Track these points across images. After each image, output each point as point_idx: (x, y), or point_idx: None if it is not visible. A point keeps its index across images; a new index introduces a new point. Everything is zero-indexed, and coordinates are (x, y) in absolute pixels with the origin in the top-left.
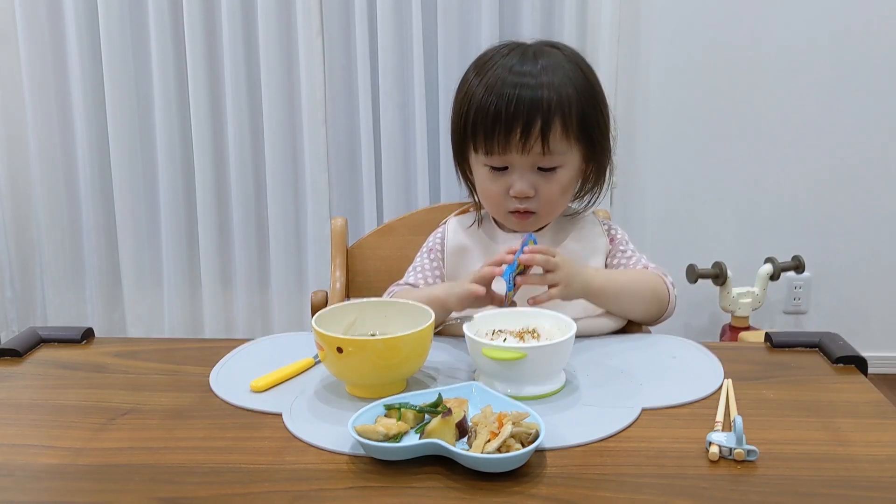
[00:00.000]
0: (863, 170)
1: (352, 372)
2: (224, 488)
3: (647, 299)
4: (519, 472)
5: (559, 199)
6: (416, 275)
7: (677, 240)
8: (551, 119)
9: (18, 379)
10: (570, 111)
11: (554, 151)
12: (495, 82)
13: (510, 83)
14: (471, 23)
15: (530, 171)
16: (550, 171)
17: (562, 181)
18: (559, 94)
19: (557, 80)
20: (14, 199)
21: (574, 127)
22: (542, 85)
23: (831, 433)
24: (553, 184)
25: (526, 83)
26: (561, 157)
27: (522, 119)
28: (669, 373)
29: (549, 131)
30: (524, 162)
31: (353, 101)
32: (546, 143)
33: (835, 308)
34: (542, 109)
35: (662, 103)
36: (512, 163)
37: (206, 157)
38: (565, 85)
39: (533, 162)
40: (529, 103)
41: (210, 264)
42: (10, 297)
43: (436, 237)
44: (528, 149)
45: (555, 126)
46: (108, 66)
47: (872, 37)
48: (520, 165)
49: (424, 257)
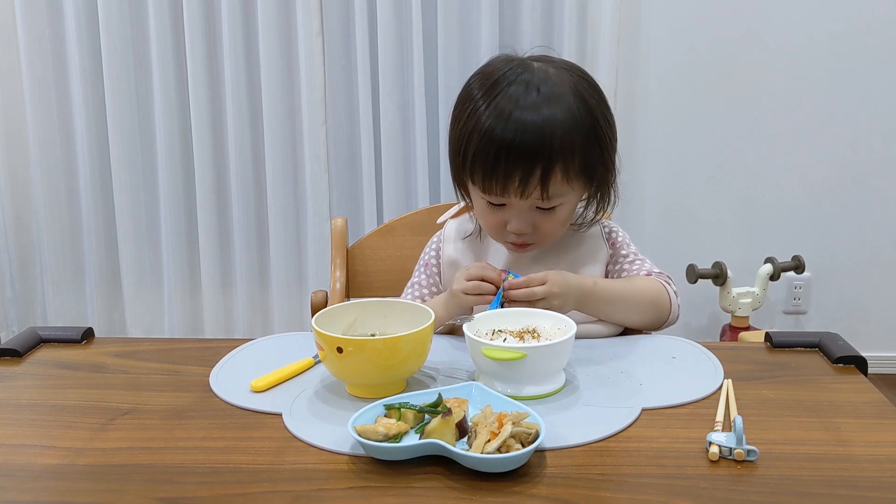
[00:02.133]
0: (863, 170)
1: (352, 372)
2: (224, 488)
3: (645, 309)
4: (519, 472)
5: (558, 231)
6: (413, 293)
7: (677, 240)
8: (552, 168)
9: (18, 379)
10: (573, 156)
11: (553, 195)
12: (497, 118)
13: (512, 123)
14: (471, 23)
15: (528, 211)
16: (549, 210)
17: (561, 217)
18: (561, 140)
19: (559, 118)
20: (14, 199)
21: (576, 169)
22: (544, 131)
23: (831, 433)
24: (552, 221)
25: (527, 127)
26: (561, 198)
27: (521, 167)
28: (669, 373)
29: (548, 180)
30: (522, 204)
31: (353, 101)
32: (545, 189)
33: (835, 308)
34: (543, 158)
35: (662, 103)
36: (509, 203)
37: (206, 157)
38: (567, 125)
39: (532, 204)
40: (529, 151)
41: (210, 264)
42: (10, 297)
43: (430, 251)
44: (526, 194)
45: (555, 174)
46: (108, 66)
47: (872, 37)
48: (518, 206)
49: (421, 273)
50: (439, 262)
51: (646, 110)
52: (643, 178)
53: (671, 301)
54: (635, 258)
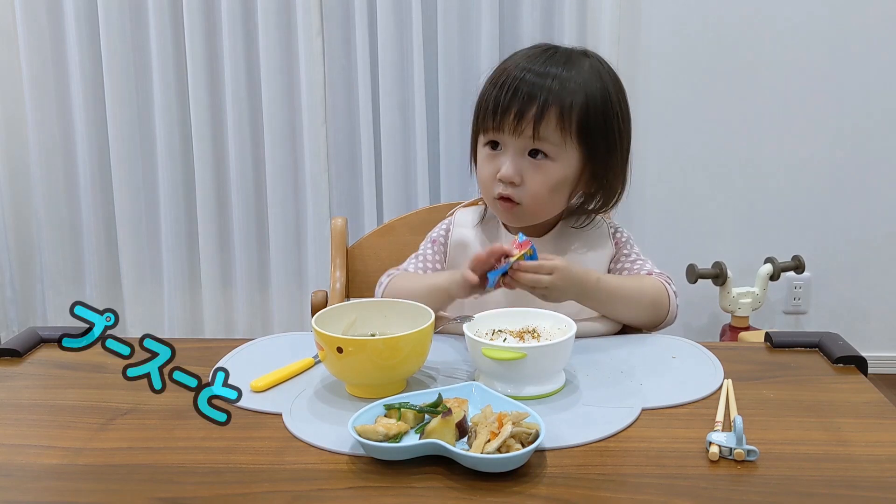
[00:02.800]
0: (863, 170)
1: (352, 372)
2: (224, 488)
3: (644, 306)
4: (519, 472)
5: (546, 194)
6: (416, 263)
7: (677, 240)
8: (548, 106)
9: (18, 379)
10: (571, 106)
11: (544, 139)
12: (504, 70)
13: (521, 68)
14: (471, 22)
15: (520, 157)
16: (541, 161)
17: (550, 174)
18: (564, 86)
19: (569, 78)
20: (14, 199)
21: (573, 125)
22: (549, 74)
23: (831, 433)
24: (540, 174)
25: (534, 70)
26: (553, 147)
27: (520, 100)
28: (669, 373)
29: (542, 117)
30: (516, 144)
31: (353, 101)
32: (537, 128)
33: (835, 308)
34: (542, 95)
35: (662, 103)
36: (504, 143)
37: (206, 157)
38: (575, 82)
39: (524, 146)
40: (531, 87)
41: (210, 264)
42: (10, 297)
43: (441, 228)
44: (519, 131)
45: (549, 114)
46: (108, 66)
47: (872, 37)
48: (511, 147)
49: (427, 247)
50: (447, 241)
51: (646, 110)
52: (643, 178)
53: (670, 301)
54: (637, 258)
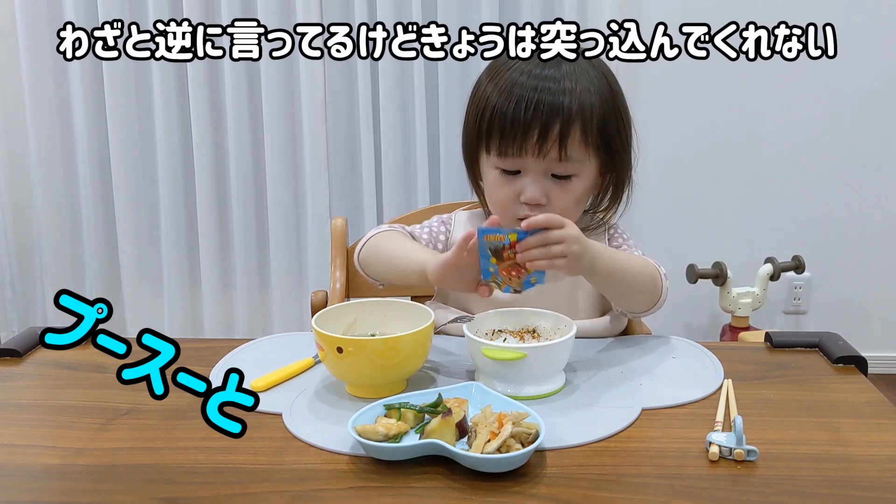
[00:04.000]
0: (863, 170)
1: (352, 372)
2: (224, 488)
3: (645, 289)
4: (519, 472)
5: (572, 209)
6: (422, 230)
7: (677, 240)
8: (571, 123)
9: (18, 379)
10: (592, 118)
11: (571, 158)
12: (514, 84)
13: (530, 86)
14: (471, 22)
15: (543, 178)
16: (565, 179)
17: (576, 191)
18: (581, 99)
19: (580, 86)
20: (14, 199)
21: (594, 134)
22: (565, 90)
23: (831, 433)
24: (567, 193)
25: (547, 87)
26: (578, 164)
27: (541, 120)
28: (669, 373)
29: (567, 136)
30: (538, 167)
31: (353, 101)
32: (564, 148)
33: (835, 308)
34: (563, 113)
35: (662, 103)
36: (525, 167)
37: (206, 157)
38: (588, 91)
39: (547, 168)
40: (550, 106)
41: (210, 264)
42: (10, 297)
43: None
44: (544, 153)
45: (574, 131)
46: (108, 66)
47: (873, 37)
48: (533, 170)
49: (434, 223)
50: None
51: (646, 110)
52: (643, 178)
53: (662, 285)
54: (628, 248)
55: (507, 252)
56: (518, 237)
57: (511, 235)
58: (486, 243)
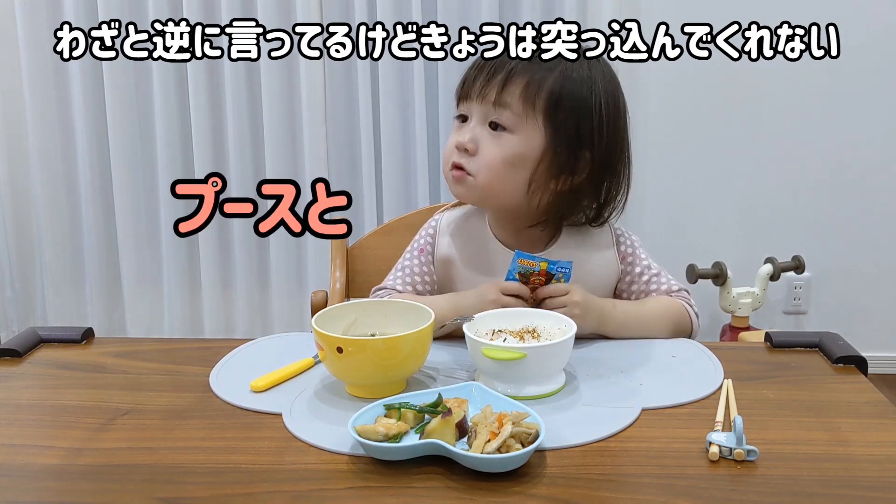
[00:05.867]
0: (863, 170)
1: (352, 372)
2: (224, 488)
3: (664, 330)
4: (519, 472)
5: (499, 167)
6: (404, 278)
7: (677, 240)
8: (514, 74)
9: (18, 379)
10: (544, 81)
11: (506, 106)
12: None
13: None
14: (471, 22)
15: (481, 126)
16: (500, 131)
17: (507, 147)
18: (539, 63)
19: (551, 61)
20: (14, 199)
21: (541, 99)
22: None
23: (831, 433)
24: (496, 146)
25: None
26: (515, 119)
27: (492, 65)
28: (669, 373)
29: (507, 83)
30: (479, 111)
31: (353, 101)
32: (500, 94)
33: (835, 308)
34: (511, 65)
35: (662, 103)
36: (470, 112)
37: (206, 157)
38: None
39: (485, 113)
40: (504, 58)
41: (210, 264)
42: (10, 297)
43: (427, 235)
44: (483, 95)
45: (515, 81)
46: (108, 66)
47: (872, 37)
48: (475, 115)
49: (414, 258)
50: (434, 251)
51: (646, 110)
52: (643, 179)
53: (692, 322)
54: (651, 276)
55: (534, 277)
56: (548, 266)
57: (542, 264)
58: (518, 266)
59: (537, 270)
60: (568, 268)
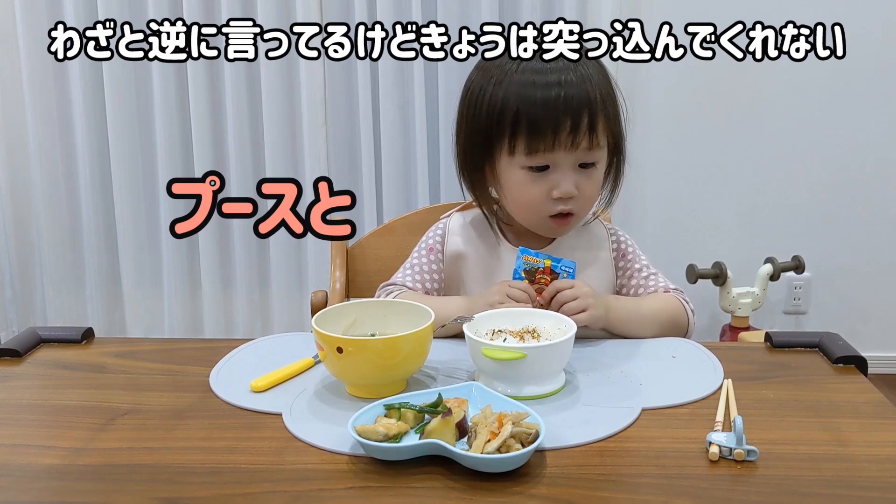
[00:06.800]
0: (863, 170)
1: (352, 372)
2: (224, 488)
3: (667, 328)
4: (519, 472)
5: (595, 195)
6: (413, 275)
7: (677, 240)
8: (598, 112)
9: (18, 379)
10: (609, 104)
11: (600, 146)
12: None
13: (551, 81)
14: (470, 22)
15: (572, 170)
16: (590, 168)
17: (598, 178)
18: (598, 86)
19: (589, 74)
20: (14, 199)
21: (610, 119)
22: (583, 79)
23: (831, 433)
24: (592, 181)
25: (567, 80)
26: (602, 152)
27: (571, 113)
28: (669, 373)
29: (597, 125)
30: (568, 160)
31: (353, 101)
32: (594, 136)
33: (835, 308)
34: (590, 102)
35: (662, 103)
36: (555, 161)
37: (206, 157)
38: (596, 78)
39: (576, 159)
40: (576, 98)
41: (210, 264)
42: (10, 297)
43: (436, 235)
44: (576, 144)
45: (601, 119)
46: (108, 66)
47: (872, 38)
48: (563, 164)
49: (423, 257)
50: (444, 248)
51: (646, 110)
52: (643, 178)
53: (689, 319)
54: (649, 273)
55: (539, 275)
56: (552, 264)
57: (546, 261)
58: (523, 263)
59: (542, 267)
60: (572, 267)
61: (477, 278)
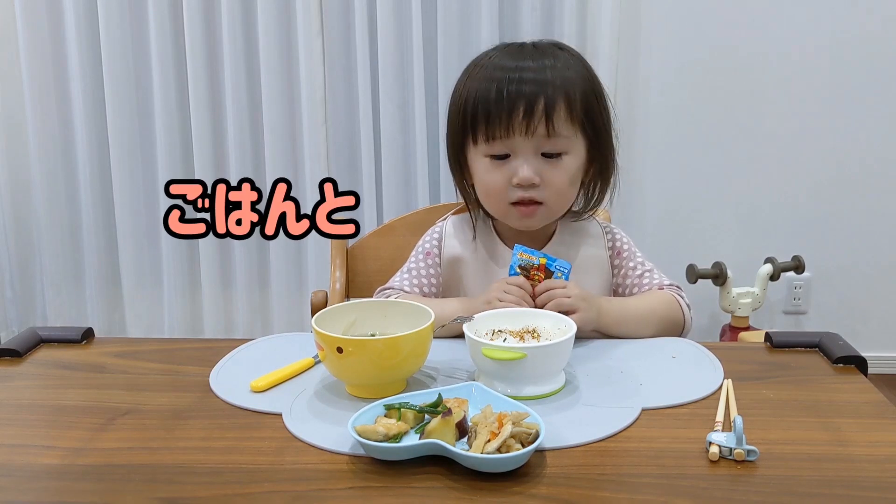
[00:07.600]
0: (862, 170)
1: (352, 372)
2: (224, 488)
3: (662, 326)
4: (519, 472)
5: (566, 190)
6: (410, 279)
7: (677, 240)
8: (556, 98)
9: (18, 379)
10: (575, 93)
11: (559, 133)
12: (494, 71)
13: (511, 67)
14: (471, 23)
15: (534, 157)
16: (556, 158)
17: (568, 169)
18: (563, 75)
19: (560, 65)
20: (14, 199)
21: (579, 111)
22: (545, 67)
23: (831, 433)
24: (559, 172)
25: (527, 66)
26: (566, 141)
27: (525, 97)
28: (669, 373)
29: (553, 110)
30: (527, 146)
31: (353, 101)
32: (550, 123)
33: (835, 308)
34: (547, 88)
35: (662, 103)
36: (514, 148)
37: (206, 157)
38: (567, 69)
39: (537, 146)
40: (533, 82)
41: (210, 264)
42: (10, 297)
43: (433, 239)
44: (531, 130)
45: (559, 105)
46: (108, 66)
47: (872, 38)
48: (523, 150)
49: (420, 261)
50: (441, 253)
51: (646, 110)
52: (643, 178)
53: (685, 315)
54: (644, 269)
55: (534, 272)
56: (547, 262)
57: (541, 259)
58: (519, 260)
59: (536, 264)
60: (567, 268)
61: (475, 281)
